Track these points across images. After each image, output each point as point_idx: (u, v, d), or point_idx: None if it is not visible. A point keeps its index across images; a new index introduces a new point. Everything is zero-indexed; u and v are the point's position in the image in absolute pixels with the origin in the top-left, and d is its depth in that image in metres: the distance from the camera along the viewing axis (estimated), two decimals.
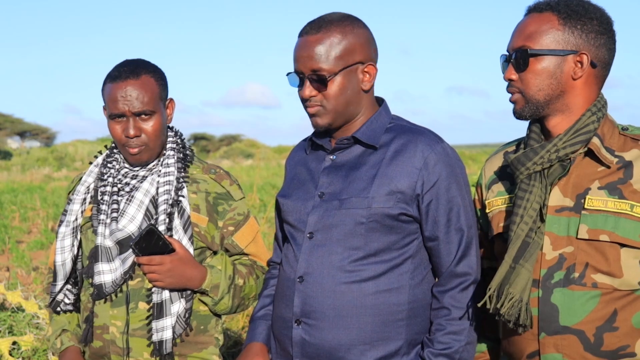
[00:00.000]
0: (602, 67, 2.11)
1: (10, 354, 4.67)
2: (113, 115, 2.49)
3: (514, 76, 2.13)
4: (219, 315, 2.64)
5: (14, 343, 4.78)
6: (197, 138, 55.05)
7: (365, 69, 2.25)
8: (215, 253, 2.62)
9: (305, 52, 2.22)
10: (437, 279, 2.32)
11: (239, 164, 32.49)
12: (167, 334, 2.47)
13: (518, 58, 2.11)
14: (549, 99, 2.10)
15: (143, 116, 2.48)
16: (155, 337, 2.48)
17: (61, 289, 2.61)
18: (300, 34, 2.25)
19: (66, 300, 2.62)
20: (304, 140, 2.46)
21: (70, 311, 2.65)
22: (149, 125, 2.50)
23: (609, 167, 2.07)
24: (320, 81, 2.21)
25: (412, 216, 2.22)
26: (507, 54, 2.16)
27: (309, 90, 2.23)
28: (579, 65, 2.08)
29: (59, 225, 2.61)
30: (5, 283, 6.68)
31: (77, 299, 2.64)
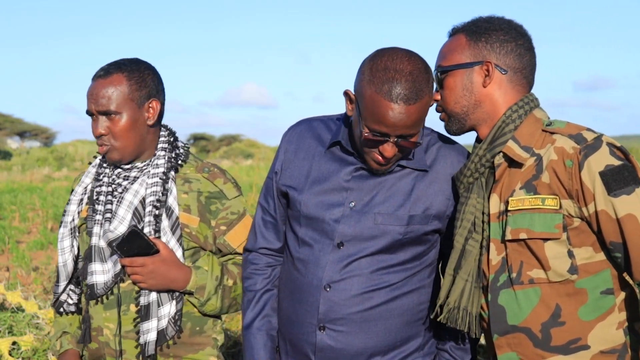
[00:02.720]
0: (514, 71, 2.21)
1: (10, 354, 4.67)
2: (86, 112, 2.53)
3: (438, 97, 2.27)
4: (217, 316, 2.62)
5: (14, 343, 4.79)
6: (197, 138, 55.01)
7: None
8: (212, 253, 2.60)
9: (400, 122, 2.11)
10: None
11: (239, 164, 32.44)
12: (152, 336, 2.47)
13: (435, 78, 2.26)
14: (465, 110, 2.22)
15: (111, 116, 2.48)
16: (142, 339, 2.47)
17: (64, 290, 2.61)
18: (394, 99, 2.10)
19: (69, 301, 2.63)
20: (311, 129, 2.38)
21: (73, 313, 2.65)
22: (115, 125, 2.49)
23: (521, 165, 2.14)
24: (407, 142, 2.17)
25: (439, 230, 2.28)
26: None
27: (392, 150, 2.17)
28: (487, 73, 2.20)
29: (59, 226, 2.62)
30: (5, 283, 6.68)
31: (80, 300, 2.65)
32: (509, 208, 2.13)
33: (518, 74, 2.21)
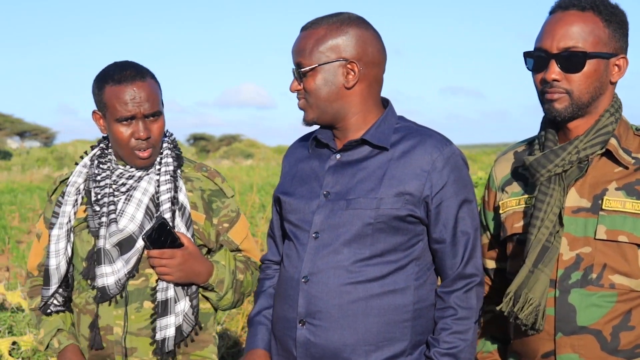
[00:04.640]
0: None
1: (10, 354, 4.68)
2: (122, 119, 2.46)
3: (560, 76, 2.07)
4: (214, 315, 2.66)
5: (14, 343, 4.80)
6: (197, 138, 55.03)
7: (349, 66, 2.22)
8: (209, 250, 2.63)
9: (294, 46, 2.27)
10: (441, 280, 2.31)
11: (239, 164, 32.47)
12: (170, 332, 2.48)
13: (570, 59, 2.05)
14: (591, 101, 2.08)
15: (152, 118, 2.49)
16: (158, 336, 2.48)
17: (54, 292, 2.58)
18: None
19: (56, 302, 2.61)
20: (304, 137, 2.45)
21: (63, 311, 2.63)
22: (156, 126, 2.51)
23: (626, 167, 2.07)
24: (300, 75, 2.24)
25: (419, 218, 2.22)
26: (546, 51, 2.09)
27: (293, 84, 2.27)
28: (617, 68, 2.08)
29: (50, 228, 2.58)
30: (5, 283, 6.69)
31: (67, 300, 2.63)
32: (604, 207, 2.05)
33: None
